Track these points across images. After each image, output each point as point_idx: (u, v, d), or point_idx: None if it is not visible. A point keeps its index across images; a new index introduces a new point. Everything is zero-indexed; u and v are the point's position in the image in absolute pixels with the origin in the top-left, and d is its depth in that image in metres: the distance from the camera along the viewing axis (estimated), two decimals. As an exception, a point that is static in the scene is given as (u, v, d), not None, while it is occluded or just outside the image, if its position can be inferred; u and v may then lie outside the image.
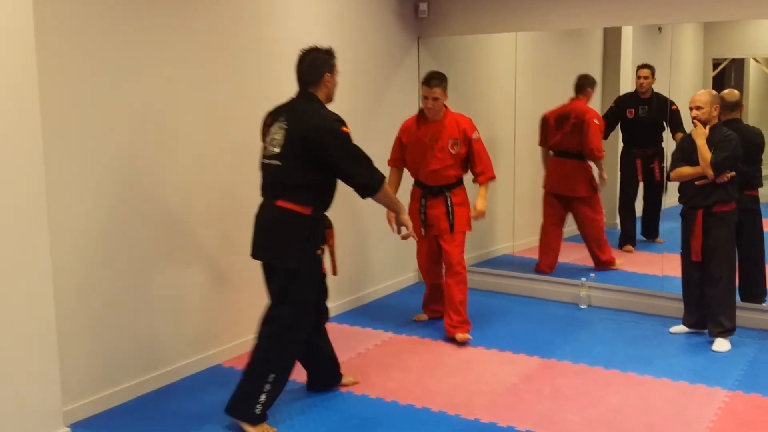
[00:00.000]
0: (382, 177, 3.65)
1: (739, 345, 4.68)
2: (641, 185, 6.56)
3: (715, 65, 8.41)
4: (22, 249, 3.19)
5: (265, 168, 3.67)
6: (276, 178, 3.59)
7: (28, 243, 3.21)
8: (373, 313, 5.35)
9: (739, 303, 5.03)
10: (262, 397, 3.54)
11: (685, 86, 7.42)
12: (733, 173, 4.59)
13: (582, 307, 5.50)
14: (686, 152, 4.70)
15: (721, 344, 4.65)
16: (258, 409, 3.53)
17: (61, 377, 3.43)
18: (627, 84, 6.98)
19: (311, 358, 3.95)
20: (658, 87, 6.60)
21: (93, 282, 3.76)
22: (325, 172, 3.57)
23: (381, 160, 5.61)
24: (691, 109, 4.67)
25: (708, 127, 4.62)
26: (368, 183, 3.63)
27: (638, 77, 6.49)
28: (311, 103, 3.64)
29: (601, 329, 5.02)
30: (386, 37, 5.68)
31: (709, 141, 4.58)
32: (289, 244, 3.57)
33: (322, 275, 3.81)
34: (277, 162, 3.57)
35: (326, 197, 3.67)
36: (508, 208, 6.60)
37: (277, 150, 3.57)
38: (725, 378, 4.17)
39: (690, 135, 4.72)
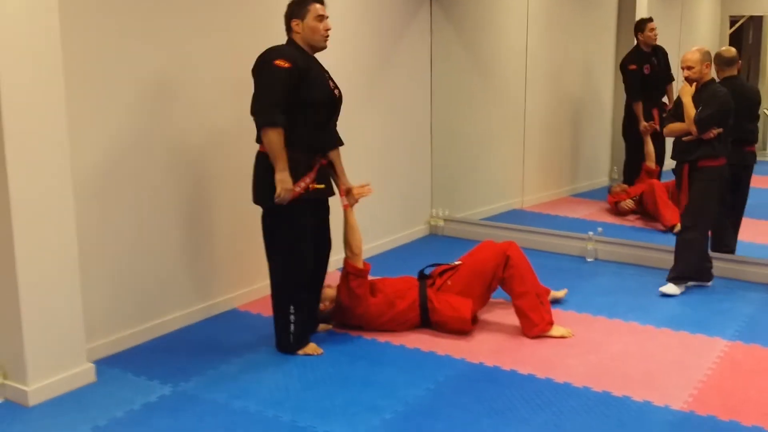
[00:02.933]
0: (272, 122, 3.55)
1: (743, 298, 4.78)
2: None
3: (732, 23, 8.36)
4: (47, 191, 3.35)
5: None
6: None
7: (52, 186, 3.36)
8: (379, 264, 5.47)
9: (744, 258, 5.16)
10: (291, 328, 3.88)
11: (701, 43, 7.40)
12: (721, 129, 4.65)
13: (588, 260, 5.61)
14: (678, 109, 4.78)
15: (669, 288, 4.81)
16: (291, 338, 3.89)
17: (85, 316, 3.60)
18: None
19: None
20: (674, 45, 6.62)
21: (115, 225, 3.90)
22: (291, 107, 3.63)
23: (388, 118, 5.72)
24: (682, 68, 4.74)
25: (698, 84, 4.68)
26: (254, 116, 3.62)
27: (651, 30, 6.49)
28: (272, 48, 3.70)
29: (605, 281, 5.13)
30: (400, -8, 5.72)
31: (698, 98, 4.64)
32: (255, 182, 3.78)
33: (320, 224, 3.93)
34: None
35: (292, 133, 3.63)
36: (519, 164, 6.68)
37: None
38: (726, 329, 4.28)
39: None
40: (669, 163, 5.84)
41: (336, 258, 4.40)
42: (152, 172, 4.04)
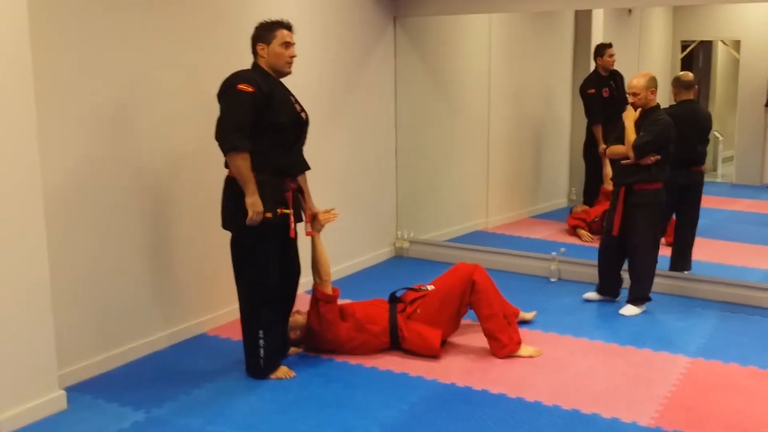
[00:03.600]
0: (235, 147, 3.57)
1: (702, 316, 4.92)
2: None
3: (684, 47, 8.62)
4: (18, 216, 3.31)
5: None
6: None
7: (23, 209, 3.33)
8: (346, 287, 5.50)
9: (703, 277, 5.33)
10: (261, 352, 3.88)
11: (655, 68, 7.63)
12: (659, 156, 4.80)
13: (552, 280, 5.72)
14: (621, 131, 4.93)
15: (630, 309, 4.94)
16: (261, 362, 3.88)
17: (57, 342, 3.56)
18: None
19: None
20: (627, 69, 6.81)
21: (86, 250, 3.88)
22: (257, 130, 3.66)
23: (353, 140, 5.78)
24: (628, 94, 4.90)
25: (642, 110, 4.84)
26: (219, 141, 3.63)
27: (609, 55, 6.68)
28: (239, 72, 3.73)
29: (570, 301, 5.23)
30: (363, 16, 5.79)
31: (640, 123, 4.80)
32: (224, 207, 3.81)
33: (287, 249, 3.94)
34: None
35: (259, 156, 3.66)
36: (483, 186, 6.79)
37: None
38: (688, 346, 4.40)
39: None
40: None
41: (305, 280, 4.42)
42: (119, 197, 4.03)
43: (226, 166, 3.74)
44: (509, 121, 7.01)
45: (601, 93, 6.73)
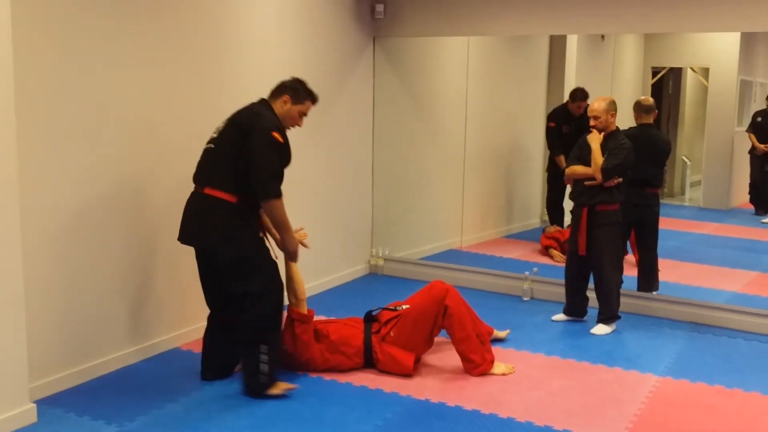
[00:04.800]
0: (279, 193, 3.76)
1: (671, 336, 5.01)
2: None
3: (654, 73, 8.79)
4: (-6, 229, 3.29)
5: (204, 151, 3.89)
6: (207, 161, 3.82)
7: (-1, 223, 3.31)
8: (320, 304, 5.52)
9: (671, 297, 5.43)
10: (264, 368, 3.82)
11: (626, 92, 7.78)
12: (620, 179, 4.94)
13: (525, 299, 5.78)
14: (583, 152, 5.03)
15: (601, 329, 5.03)
16: (262, 379, 3.83)
17: (28, 354, 3.53)
18: (570, 87, 7.30)
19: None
20: (600, 92, 6.92)
21: (60, 263, 3.86)
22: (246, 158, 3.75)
23: (330, 158, 5.82)
24: (589, 117, 5.01)
25: (604, 133, 4.94)
26: (264, 189, 3.75)
27: (578, 107, 6.75)
28: (261, 107, 3.87)
29: (542, 320, 5.29)
30: (343, 37, 5.85)
31: (604, 146, 4.91)
32: (216, 227, 3.78)
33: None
34: (212, 145, 3.83)
35: (247, 195, 3.77)
36: (458, 205, 6.85)
37: (215, 135, 3.84)
38: (657, 365, 4.47)
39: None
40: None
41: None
42: (93, 211, 4.01)
43: (204, 184, 3.77)
44: (485, 141, 7.10)
45: (561, 128, 6.82)
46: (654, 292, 5.57)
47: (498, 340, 4.75)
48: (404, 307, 4.38)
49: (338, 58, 5.83)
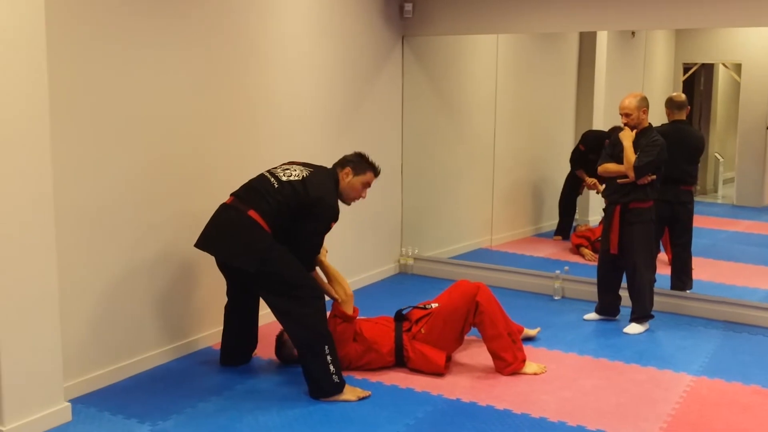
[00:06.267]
0: (308, 270, 3.99)
1: (705, 335, 4.94)
2: None
3: (686, 70, 8.69)
4: (29, 229, 3.34)
5: (262, 178, 3.96)
6: (262, 189, 3.88)
7: (34, 223, 3.35)
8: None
9: (705, 296, 5.36)
10: (332, 368, 3.82)
11: (657, 89, 7.70)
12: (654, 176, 4.87)
13: (556, 298, 5.74)
14: (615, 149, 4.97)
15: (634, 328, 4.97)
16: (335, 378, 3.82)
17: (63, 354, 3.58)
18: (600, 85, 7.23)
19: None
20: (631, 89, 6.85)
21: (94, 263, 3.90)
22: (294, 223, 3.90)
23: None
24: (621, 114, 4.94)
25: (636, 130, 4.88)
26: (309, 257, 4.00)
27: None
28: (332, 180, 4.05)
29: (574, 319, 5.25)
30: (371, 36, 5.86)
31: (636, 143, 4.85)
32: (251, 244, 3.82)
33: None
34: (275, 183, 3.89)
35: (278, 234, 3.87)
36: (487, 204, 6.82)
37: (283, 178, 3.92)
38: (691, 364, 4.42)
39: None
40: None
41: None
42: (128, 210, 4.05)
43: (246, 205, 3.86)
44: (514, 139, 7.06)
45: (588, 155, 6.65)
46: (687, 291, 5.50)
47: (528, 339, 4.72)
48: (434, 305, 4.37)
49: (367, 58, 5.84)
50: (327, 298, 4.03)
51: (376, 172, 4.19)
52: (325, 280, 4.19)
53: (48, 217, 3.41)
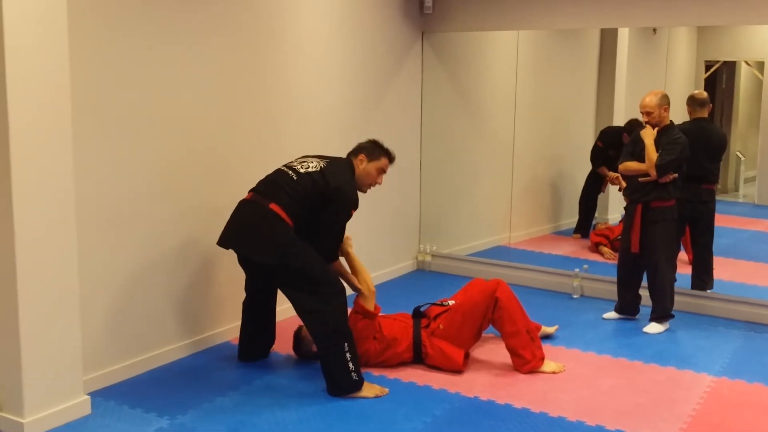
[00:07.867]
0: (332, 259, 4.03)
1: (726, 335, 4.89)
2: None
3: (708, 67, 8.60)
4: (52, 226, 3.36)
5: (280, 172, 3.96)
6: (282, 183, 3.88)
7: (57, 220, 3.38)
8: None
9: (726, 296, 5.30)
10: (351, 365, 3.80)
11: (679, 87, 7.62)
12: (676, 175, 4.82)
13: (575, 296, 5.70)
14: (637, 147, 4.92)
15: (654, 327, 4.93)
16: (354, 376, 3.81)
17: (82, 347, 3.60)
18: (621, 82, 7.17)
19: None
20: (652, 87, 6.79)
21: (113, 258, 3.92)
22: (315, 214, 3.88)
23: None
24: (641, 113, 4.89)
25: (658, 128, 4.83)
26: (327, 253, 3.98)
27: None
28: (349, 169, 4.05)
29: (593, 318, 5.22)
30: (391, 32, 5.84)
31: (658, 141, 4.79)
32: (272, 238, 3.81)
33: None
34: (293, 175, 3.89)
35: (300, 226, 3.87)
36: (506, 201, 6.79)
37: (301, 170, 3.91)
38: (712, 365, 4.37)
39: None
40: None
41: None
42: (146, 205, 4.07)
43: (268, 199, 3.85)
44: (534, 136, 7.01)
45: (608, 151, 6.65)
46: (708, 291, 5.45)
47: (546, 337, 4.69)
48: (451, 302, 4.36)
49: (387, 54, 5.83)
50: (349, 291, 4.02)
51: (390, 157, 4.16)
52: (348, 270, 4.18)
53: (70, 215, 3.43)
